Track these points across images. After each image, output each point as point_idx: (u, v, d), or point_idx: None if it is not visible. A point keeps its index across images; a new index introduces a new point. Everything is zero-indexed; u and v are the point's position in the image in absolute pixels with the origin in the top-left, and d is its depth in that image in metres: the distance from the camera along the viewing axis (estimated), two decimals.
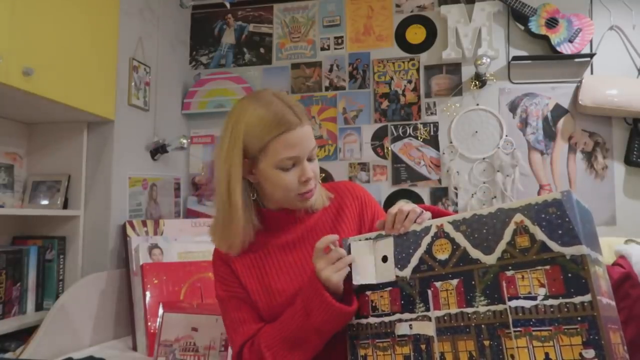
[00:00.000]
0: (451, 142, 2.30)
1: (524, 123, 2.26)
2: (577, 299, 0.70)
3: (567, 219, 0.74)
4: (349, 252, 0.98)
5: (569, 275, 0.72)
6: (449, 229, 0.86)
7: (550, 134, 2.24)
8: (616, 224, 2.13)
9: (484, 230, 0.82)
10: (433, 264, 0.86)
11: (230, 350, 1.37)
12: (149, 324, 1.62)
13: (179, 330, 1.34)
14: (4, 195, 1.82)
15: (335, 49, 2.47)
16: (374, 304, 0.93)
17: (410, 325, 0.86)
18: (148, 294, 1.67)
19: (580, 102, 2.12)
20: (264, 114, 0.94)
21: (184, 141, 2.18)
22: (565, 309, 0.71)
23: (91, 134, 1.94)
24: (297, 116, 0.95)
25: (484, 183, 2.25)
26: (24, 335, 1.62)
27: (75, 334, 1.66)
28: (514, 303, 0.76)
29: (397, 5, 2.44)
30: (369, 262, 0.95)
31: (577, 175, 2.20)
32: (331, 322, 0.90)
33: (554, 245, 0.74)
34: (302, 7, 2.53)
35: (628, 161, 2.14)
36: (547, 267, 0.74)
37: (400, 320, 0.88)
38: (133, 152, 2.07)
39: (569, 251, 0.73)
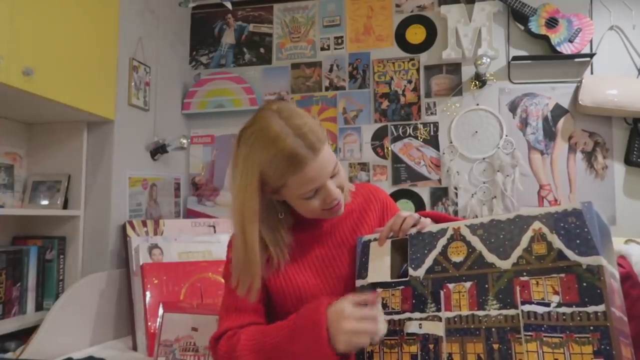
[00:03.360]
0: (451, 142, 2.30)
1: (524, 123, 2.26)
2: (591, 309, 0.70)
3: (585, 229, 0.74)
4: (365, 250, 0.99)
5: (584, 284, 0.72)
6: (465, 232, 0.87)
7: (550, 134, 2.24)
8: (616, 224, 2.13)
9: (501, 236, 0.82)
10: (447, 266, 0.87)
11: None
12: (149, 324, 1.62)
13: (179, 330, 1.34)
14: (4, 195, 1.82)
15: (335, 49, 2.47)
16: (384, 302, 0.93)
17: (420, 324, 0.87)
18: (148, 294, 1.67)
19: (580, 102, 2.12)
20: (275, 154, 0.89)
21: (184, 141, 2.19)
22: (578, 318, 0.71)
23: (91, 134, 1.94)
24: (310, 147, 0.89)
25: (484, 183, 2.25)
26: (23, 335, 1.62)
27: (75, 334, 1.65)
28: (526, 307, 0.75)
29: (397, 5, 2.43)
30: (384, 260, 0.96)
31: (577, 175, 2.20)
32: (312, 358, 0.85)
33: (570, 254, 0.74)
34: (302, 7, 2.53)
35: (628, 161, 2.14)
36: (563, 275, 0.74)
37: (410, 319, 0.88)
38: (133, 152, 2.07)
39: (585, 261, 0.73)
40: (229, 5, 2.28)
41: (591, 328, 0.70)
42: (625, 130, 2.16)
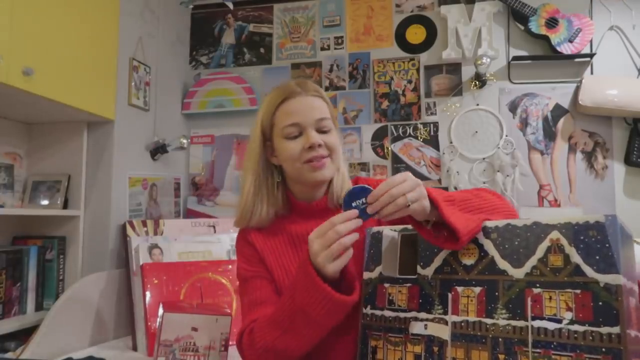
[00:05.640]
0: (451, 142, 2.30)
1: (524, 123, 2.26)
2: (605, 329, 0.67)
3: (607, 245, 0.70)
4: (374, 243, 0.96)
5: (600, 303, 0.69)
6: (478, 234, 0.83)
7: (550, 134, 2.24)
8: None
9: (516, 242, 0.79)
10: (457, 268, 0.84)
11: (230, 350, 1.38)
12: (149, 324, 1.62)
13: (179, 330, 1.33)
14: (4, 195, 1.82)
15: (335, 49, 2.47)
16: (390, 297, 0.91)
17: (426, 325, 0.85)
18: (148, 294, 1.67)
19: (580, 102, 2.12)
20: (273, 93, 1.03)
21: (184, 141, 2.19)
22: (590, 337, 0.68)
23: (91, 134, 1.94)
24: (301, 87, 1.00)
25: (484, 183, 2.25)
26: (23, 335, 1.62)
27: (75, 334, 1.66)
28: (537, 323, 0.73)
29: (397, 5, 2.44)
30: (393, 254, 0.94)
31: (577, 175, 2.20)
32: (319, 307, 0.82)
33: (588, 270, 0.71)
34: (302, 7, 2.53)
35: (628, 161, 2.14)
36: (578, 291, 0.71)
37: (415, 319, 0.86)
38: (133, 152, 2.07)
39: (603, 279, 0.69)
40: (230, 5, 2.28)
41: (603, 350, 0.67)
42: (625, 130, 2.16)
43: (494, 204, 0.93)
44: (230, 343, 1.40)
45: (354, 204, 0.81)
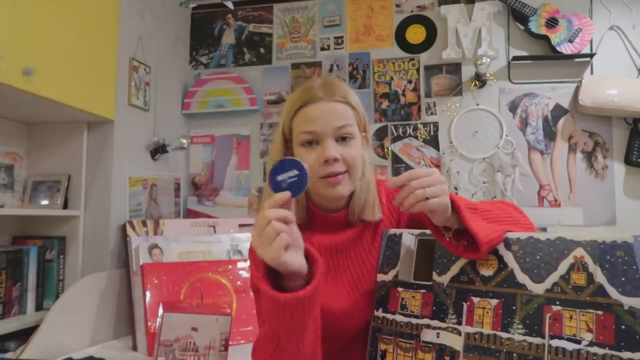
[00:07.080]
0: (451, 142, 2.30)
1: (524, 123, 2.26)
2: (626, 355, 0.65)
3: (634, 267, 0.68)
4: (390, 245, 0.93)
5: (623, 327, 0.66)
6: (499, 245, 0.81)
7: (550, 134, 2.24)
8: (616, 224, 2.13)
9: (538, 257, 0.77)
10: (474, 278, 0.82)
11: (230, 350, 1.38)
12: (149, 324, 1.62)
13: (179, 330, 1.34)
14: (4, 195, 1.82)
15: (335, 49, 2.47)
16: (403, 302, 0.90)
17: (438, 333, 0.83)
18: (148, 294, 1.67)
19: (580, 102, 2.12)
20: (295, 94, 0.95)
21: (184, 141, 2.19)
22: None
23: (91, 134, 1.94)
24: (325, 92, 0.91)
25: (484, 183, 2.25)
26: (23, 335, 1.62)
27: (75, 334, 1.66)
28: (555, 342, 0.71)
29: (397, 5, 2.44)
30: (409, 258, 0.92)
31: (577, 175, 2.20)
32: (271, 308, 0.73)
33: (612, 292, 0.69)
34: (302, 7, 2.53)
35: (628, 161, 2.14)
36: (600, 312, 0.69)
37: (428, 326, 0.85)
38: (133, 152, 2.07)
39: (628, 302, 0.67)
40: (230, 5, 2.28)
41: None
42: (625, 130, 2.16)
43: (516, 217, 0.91)
44: (230, 343, 1.40)
45: (279, 178, 0.74)
